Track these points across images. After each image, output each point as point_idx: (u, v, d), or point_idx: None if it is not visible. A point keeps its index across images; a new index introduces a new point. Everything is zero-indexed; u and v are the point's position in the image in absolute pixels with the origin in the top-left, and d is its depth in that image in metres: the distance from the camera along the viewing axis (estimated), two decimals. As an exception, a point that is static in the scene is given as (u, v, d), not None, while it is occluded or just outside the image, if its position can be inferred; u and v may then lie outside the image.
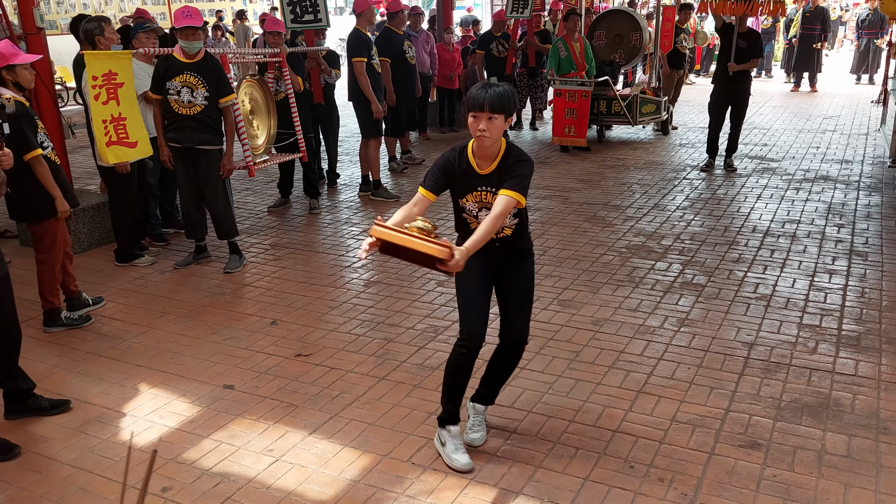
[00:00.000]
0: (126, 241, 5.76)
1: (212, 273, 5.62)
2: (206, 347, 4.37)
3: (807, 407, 3.56)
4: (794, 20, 15.01)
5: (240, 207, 7.27)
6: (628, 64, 10.94)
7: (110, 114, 5.19)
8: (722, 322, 4.51)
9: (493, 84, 2.95)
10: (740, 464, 3.15)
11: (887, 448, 3.23)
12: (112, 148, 5.25)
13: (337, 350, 4.30)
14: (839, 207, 6.78)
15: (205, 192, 5.55)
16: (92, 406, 3.75)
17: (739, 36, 7.94)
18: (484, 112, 2.88)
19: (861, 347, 4.14)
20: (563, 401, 3.67)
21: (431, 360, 4.14)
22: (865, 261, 5.44)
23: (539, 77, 10.78)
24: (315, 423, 3.55)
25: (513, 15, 10.01)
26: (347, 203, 7.51)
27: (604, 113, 9.86)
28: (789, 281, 5.12)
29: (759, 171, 8.28)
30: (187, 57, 5.31)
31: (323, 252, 6.04)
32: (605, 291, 5.02)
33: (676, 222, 6.49)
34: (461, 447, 3.20)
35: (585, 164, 8.83)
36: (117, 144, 5.28)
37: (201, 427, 3.54)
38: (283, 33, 6.60)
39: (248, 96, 6.33)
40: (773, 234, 6.11)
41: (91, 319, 4.76)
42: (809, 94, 14.30)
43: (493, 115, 2.88)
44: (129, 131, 5.32)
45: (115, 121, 5.24)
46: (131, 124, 5.33)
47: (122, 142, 5.29)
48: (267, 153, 6.54)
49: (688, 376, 3.88)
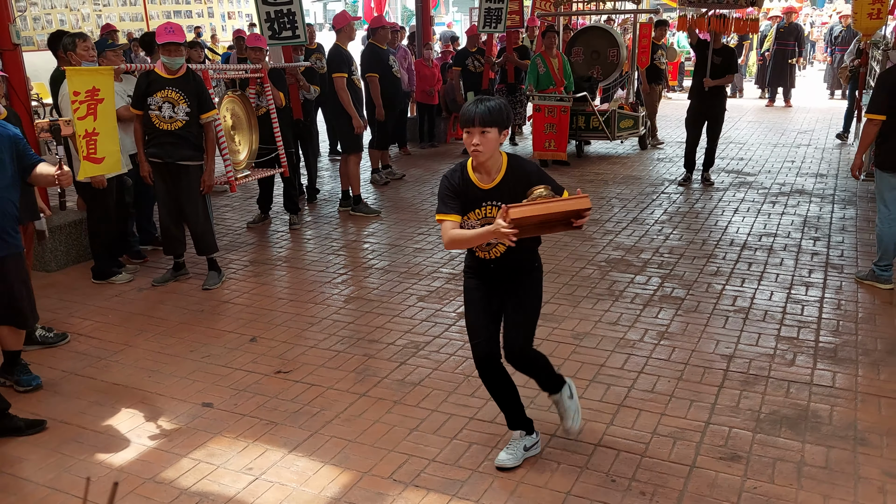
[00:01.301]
0: (103, 258, 5.70)
1: (190, 290, 5.57)
2: (185, 365, 4.33)
3: (785, 419, 3.59)
4: (768, 35, 15.24)
5: (219, 223, 7.23)
6: (606, 79, 11.05)
7: (84, 129, 5.12)
8: (701, 335, 4.55)
9: (486, 98, 2.97)
10: (721, 476, 3.17)
11: (865, 459, 3.26)
12: (83, 163, 5.18)
13: (317, 366, 4.27)
14: (814, 220, 6.87)
15: (185, 207, 5.52)
16: (68, 426, 3.70)
17: (714, 52, 8.07)
18: (476, 127, 2.90)
19: (838, 359, 4.19)
20: (544, 415, 3.66)
21: (412, 375, 4.13)
22: (841, 273, 5.51)
23: (518, 93, 10.86)
24: (295, 440, 3.52)
25: (485, 30, 10.09)
26: (327, 218, 7.50)
27: (582, 128, 9.94)
28: (767, 293, 5.17)
29: (736, 185, 8.38)
30: (169, 72, 5.30)
31: (303, 268, 6.01)
32: (585, 305, 5.04)
33: (655, 236, 6.55)
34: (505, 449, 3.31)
35: (564, 179, 8.88)
36: (86, 159, 5.20)
37: (179, 446, 3.50)
38: (265, 49, 6.61)
39: (229, 111, 6.32)
40: (751, 247, 6.18)
41: (67, 338, 4.69)
42: (784, 109, 14.51)
43: (485, 129, 2.90)
44: (98, 147, 5.24)
45: (88, 136, 5.16)
46: (102, 140, 5.24)
47: (90, 157, 5.21)
48: (248, 168, 6.52)
49: (668, 389, 3.90)
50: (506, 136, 3.02)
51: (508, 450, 3.29)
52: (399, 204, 7.94)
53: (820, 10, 24.11)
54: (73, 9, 15.16)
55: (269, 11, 7.01)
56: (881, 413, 3.63)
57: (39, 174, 3.69)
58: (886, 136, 5.02)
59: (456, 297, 5.22)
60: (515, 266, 3.15)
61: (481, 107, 2.91)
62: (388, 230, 6.96)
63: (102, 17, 15.68)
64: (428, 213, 7.47)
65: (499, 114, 2.91)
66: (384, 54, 8.03)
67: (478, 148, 2.92)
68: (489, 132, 2.90)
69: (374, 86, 7.69)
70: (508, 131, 3.03)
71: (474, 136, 2.92)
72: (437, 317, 4.92)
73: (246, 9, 19.23)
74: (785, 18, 14.78)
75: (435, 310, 5.03)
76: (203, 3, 18.36)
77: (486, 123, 2.89)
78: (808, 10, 23.16)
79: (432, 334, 4.65)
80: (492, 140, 2.92)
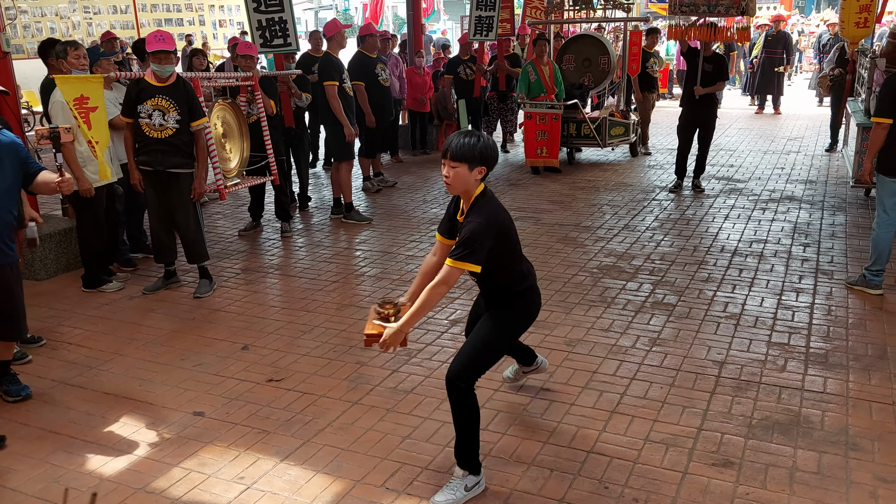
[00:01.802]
0: (93, 266, 5.68)
1: (181, 298, 5.55)
2: (176, 374, 4.31)
3: (777, 424, 3.60)
4: (757, 43, 15.35)
5: (210, 231, 7.21)
6: (597, 87, 11.09)
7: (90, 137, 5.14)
8: (693, 341, 4.56)
9: (472, 133, 2.98)
10: (713, 483, 3.17)
11: (856, 464, 3.27)
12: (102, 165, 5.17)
13: (309, 374, 4.26)
14: (805, 227, 6.91)
15: (175, 215, 5.50)
16: (58, 436, 3.67)
17: (705, 60, 8.12)
18: (447, 159, 2.96)
19: (829, 364, 4.21)
20: (537, 422, 3.66)
21: (405, 383, 4.12)
22: (831, 279, 5.54)
23: (509, 100, 10.90)
24: (287, 449, 3.51)
25: (476, 38, 10.13)
26: (319, 226, 7.49)
27: (573, 135, 9.98)
28: (758, 300, 5.19)
29: (727, 191, 8.42)
30: (159, 80, 5.29)
31: (295, 275, 6.00)
32: (577, 312, 5.05)
33: (647, 243, 6.57)
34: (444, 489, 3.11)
35: (556, 186, 8.91)
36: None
37: (170, 455, 3.47)
38: (255, 57, 6.61)
39: (220, 119, 6.31)
40: (741, 253, 6.20)
41: (29, 357, 4.54)
42: (773, 116, 14.61)
43: (454, 164, 2.94)
44: (97, 154, 5.27)
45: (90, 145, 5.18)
46: (100, 148, 5.28)
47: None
48: (239, 176, 6.51)
49: (660, 396, 3.90)
50: (482, 174, 2.98)
51: (446, 490, 3.07)
52: (391, 211, 7.94)
53: (807, 18, 24.29)
54: (64, 17, 15.14)
55: (261, 19, 7.02)
56: (872, 418, 3.64)
57: (42, 182, 3.70)
58: (889, 141, 5.04)
59: (448, 305, 5.22)
60: (488, 300, 3.23)
61: (457, 141, 2.95)
62: (380, 237, 6.96)
63: (93, 24, 15.65)
64: (420, 221, 7.47)
65: (471, 151, 2.92)
66: (372, 62, 8.05)
67: (446, 180, 2.98)
68: (458, 167, 2.93)
69: (360, 94, 7.71)
70: (485, 169, 2.98)
71: (445, 167, 2.98)
72: (429, 324, 4.91)
73: (237, 17, 19.25)
74: (773, 27, 14.90)
75: (427, 317, 5.03)
76: (194, 11, 18.36)
77: (455, 158, 2.93)
78: (795, 19, 23.32)
79: (425, 342, 4.65)
80: (460, 175, 2.94)
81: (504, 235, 3.00)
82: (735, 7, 8.10)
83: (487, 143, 2.97)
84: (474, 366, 3.04)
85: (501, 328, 3.14)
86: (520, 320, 3.19)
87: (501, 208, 3.04)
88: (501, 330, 3.14)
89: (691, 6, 8.26)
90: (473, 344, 3.09)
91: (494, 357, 3.14)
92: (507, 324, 3.15)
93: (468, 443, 3.07)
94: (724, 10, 8.16)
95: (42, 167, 3.76)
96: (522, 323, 3.21)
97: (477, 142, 2.94)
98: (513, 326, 3.18)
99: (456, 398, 3.01)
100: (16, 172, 3.66)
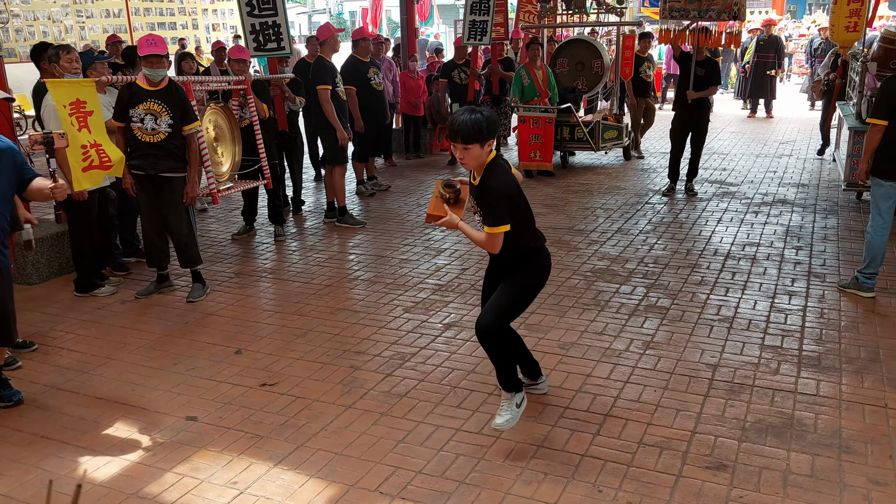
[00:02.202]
0: (86, 270, 5.65)
1: (174, 302, 5.53)
2: (169, 378, 4.29)
3: (771, 427, 3.61)
4: (749, 48, 15.42)
5: (203, 235, 7.19)
6: (591, 91, 11.11)
7: (87, 140, 5.08)
8: (686, 344, 4.57)
9: (473, 110, 3.20)
10: (707, 485, 3.17)
11: (850, 467, 3.28)
12: (90, 172, 5.09)
13: (303, 378, 4.24)
14: (797, 230, 6.93)
15: (168, 219, 5.49)
16: (50, 441, 3.65)
17: (697, 64, 8.15)
18: (458, 143, 3.19)
19: (822, 367, 4.22)
20: (531, 425, 3.66)
21: (399, 387, 4.11)
22: (823, 282, 5.56)
23: (503, 104, 10.91)
24: (281, 453, 3.49)
25: (470, 42, 10.14)
26: (313, 230, 7.48)
27: (567, 139, 9.99)
28: (750, 303, 5.20)
29: (720, 195, 8.44)
30: (151, 84, 5.27)
31: (288, 279, 5.99)
32: (571, 315, 5.05)
33: (640, 246, 6.58)
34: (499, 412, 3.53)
35: (550, 190, 8.92)
36: (99, 168, 5.11)
37: (163, 460, 3.46)
38: (248, 61, 6.61)
39: (212, 123, 6.29)
40: (734, 256, 6.22)
41: (19, 363, 4.52)
42: (766, 120, 14.67)
43: (467, 146, 3.18)
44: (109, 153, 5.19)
45: (96, 146, 5.11)
46: (109, 149, 5.20)
47: (105, 165, 5.14)
48: (231, 180, 6.50)
49: (654, 399, 3.91)
50: (490, 146, 3.27)
51: (502, 412, 3.47)
52: (385, 215, 7.93)
53: (798, 21, 24.38)
54: (57, 20, 15.10)
55: (255, 23, 7.01)
56: (865, 421, 3.65)
57: (36, 188, 3.70)
58: (884, 144, 5.07)
59: (442, 308, 5.22)
60: (502, 264, 3.50)
61: (460, 123, 3.16)
62: (373, 241, 6.95)
63: (86, 28, 15.61)
64: (413, 224, 7.47)
65: (477, 128, 3.17)
66: (364, 67, 8.07)
67: (462, 160, 3.30)
68: (471, 148, 3.20)
69: (351, 98, 7.73)
70: (492, 141, 3.25)
71: (458, 150, 3.25)
72: (423, 328, 4.91)
73: (230, 21, 19.22)
74: (765, 31, 14.96)
75: (421, 321, 5.02)
76: (187, 15, 18.33)
77: (468, 140, 3.18)
78: (784, 23, 23.40)
79: (418, 345, 4.64)
80: (473, 154, 3.23)
81: (517, 195, 3.34)
82: (726, 11, 8.13)
83: (489, 117, 3.23)
84: (502, 316, 3.43)
85: (518, 287, 3.46)
86: (536, 278, 3.51)
87: (509, 172, 3.36)
88: (518, 288, 3.46)
89: (682, 11, 8.30)
90: (500, 299, 3.43)
91: (518, 310, 3.53)
92: (522, 282, 3.46)
93: (509, 370, 3.48)
94: (716, 15, 8.19)
95: (36, 173, 3.75)
96: (539, 280, 3.53)
97: (480, 118, 3.18)
98: (533, 284, 3.51)
99: (490, 344, 3.41)
100: (11, 178, 3.65)
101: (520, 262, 3.46)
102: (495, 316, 3.40)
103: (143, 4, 17.07)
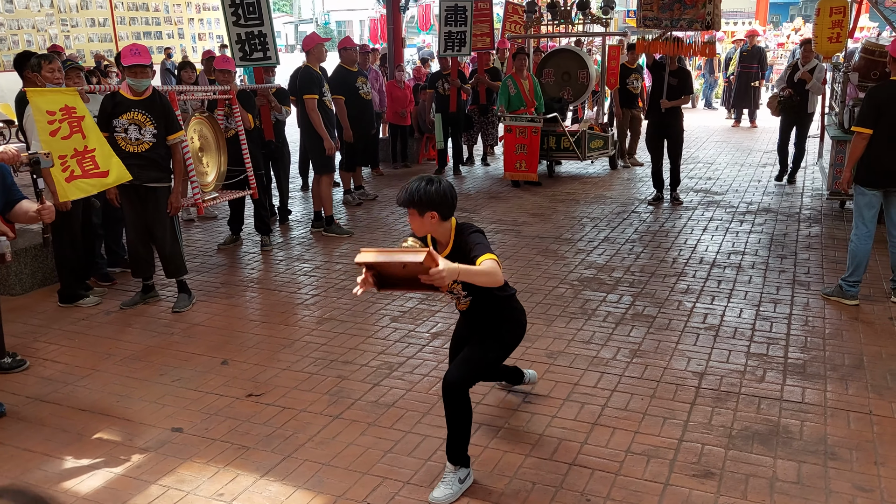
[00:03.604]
0: (70, 280, 5.61)
1: (160, 313, 5.49)
2: (154, 389, 4.25)
3: (757, 435, 3.62)
4: (733, 58, 15.57)
5: (189, 245, 7.16)
6: (577, 100, 11.17)
7: (73, 147, 4.97)
8: (673, 352, 4.58)
9: (426, 179, 3.01)
10: (695, 493, 3.18)
11: (835, 473, 3.30)
12: (75, 182, 5.04)
13: (290, 389, 4.22)
14: (781, 238, 6.98)
15: (153, 229, 5.46)
16: (32, 454, 3.60)
17: (670, 74, 8.23)
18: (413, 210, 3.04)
19: (807, 375, 4.24)
20: (518, 434, 3.66)
21: (386, 397, 4.10)
22: (808, 290, 5.60)
23: (490, 114, 10.95)
24: (267, 464, 3.47)
25: (447, 53, 10.18)
26: (299, 239, 7.46)
27: (553, 148, 10.04)
28: (736, 311, 5.23)
29: (705, 203, 8.50)
30: (135, 94, 5.25)
31: (275, 289, 5.96)
32: (558, 324, 5.06)
33: (626, 254, 6.61)
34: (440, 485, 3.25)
35: (536, 199, 8.95)
36: (83, 178, 5.06)
37: (148, 472, 3.42)
38: (233, 71, 6.60)
39: (197, 133, 6.27)
40: (720, 265, 6.26)
41: (26, 364, 4.55)
42: (749, 129, 14.79)
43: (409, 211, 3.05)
44: (99, 162, 5.11)
45: (80, 154, 5.02)
46: (100, 154, 5.12)
47: (90, 174, 5.07)
48: (216, 190, 6.47)
49: (641, 407, 3.92)
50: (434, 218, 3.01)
51: (443, 485, 3.20)
52: (372, 224, 7.93)
53: (778, 30, 24.59)
54: (41, 30, 15.02)
55: (241, 33, 7.01)
56: (850, 427, 3.67)
57: (21, 211, 3.66)
58: (867, 153, 5.11)
59: (429, 318, 5.21)
60: (479, 320, 3.34)
61: (406, 192, 3.01)
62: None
63: (70, 38, 15.54)
64: (400, 234, 7.46)
65: (420, 197, 2.97)
66: (352, 76, 8.09)
67: (411, 225, 3.12)
68: (413, 214, 3.04)
69: (339, 107, 7.74)
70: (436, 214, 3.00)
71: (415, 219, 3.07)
72: (410, 337, 4.90)
73: (217, 30, 19.21)
74: (748, 42, 15.11)
75: (408, 330, 5.02)
76: (173, 25, 18.30)
77: (407, 205, 3.03)
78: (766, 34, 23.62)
79: (406, 355, 4.63)
80: (414, 220, 3.06)
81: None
82: (699, 21, 8.18)
83: (429, 189, 2.97)
84: (474, 372, 3.27)
85: (493, 344, 3.33)
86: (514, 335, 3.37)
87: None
88: (493, 346, 3.33)
89: (654, 20, 8.36)
90: (469, 358, 3.28)
91: (491, 368, 3.46)
92: (497, 340, 3.34)
93: (462, 438, 3.24)
94: (687, 25, 8.26)
95: (23, 195, 3.72)
96: (517, 337, 3.39)
97: (425, 190, 2.97)
98: (510, 343, 3.37)
99: (453, 402, 3.19)
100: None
101: (497, 311, 3.30)
102: (469, 370, 3.22)
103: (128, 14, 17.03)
